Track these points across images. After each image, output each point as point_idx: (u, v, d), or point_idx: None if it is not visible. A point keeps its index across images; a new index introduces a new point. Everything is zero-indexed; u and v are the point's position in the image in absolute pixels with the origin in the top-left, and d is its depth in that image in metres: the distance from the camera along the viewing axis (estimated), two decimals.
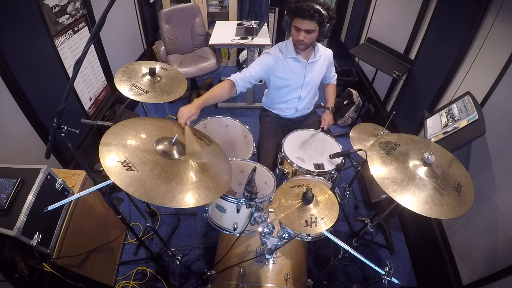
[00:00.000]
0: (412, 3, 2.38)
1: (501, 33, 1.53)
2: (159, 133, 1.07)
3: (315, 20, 1.47)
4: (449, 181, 1.02)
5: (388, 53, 2.54)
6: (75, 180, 1.45)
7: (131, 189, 0.83)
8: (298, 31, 1.54)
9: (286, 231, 1.23)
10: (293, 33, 1.57)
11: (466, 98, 1.55)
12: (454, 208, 0.96)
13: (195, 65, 2.99)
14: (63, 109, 0.77)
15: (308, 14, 1.45)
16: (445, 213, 0.94)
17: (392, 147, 1.11)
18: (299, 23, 1.50)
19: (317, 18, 1.46)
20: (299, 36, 1.54)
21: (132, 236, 1.97)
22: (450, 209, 0.95)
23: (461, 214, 0.95)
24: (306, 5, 1.44)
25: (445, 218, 0.94)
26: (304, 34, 1.53)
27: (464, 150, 1.62)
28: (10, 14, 1.54)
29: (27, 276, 1.21)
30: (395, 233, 2.11)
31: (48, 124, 1.83)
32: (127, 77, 1.41)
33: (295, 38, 1.57)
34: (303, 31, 1.52)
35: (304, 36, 1.53)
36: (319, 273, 1.85)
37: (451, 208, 0.95)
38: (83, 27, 2.24)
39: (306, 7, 1.44)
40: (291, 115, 1.91)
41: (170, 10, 3.02)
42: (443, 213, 0.94)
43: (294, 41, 1.60)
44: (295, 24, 1.52)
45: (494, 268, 1.36)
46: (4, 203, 1.07)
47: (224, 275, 1.37)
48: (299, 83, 1.76)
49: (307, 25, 1.49)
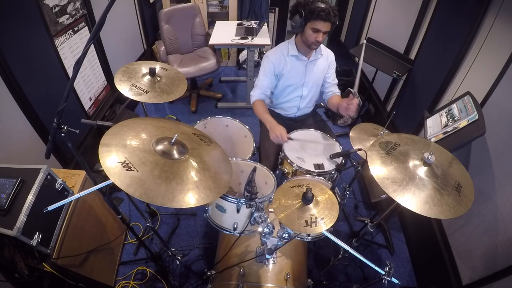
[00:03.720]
0: (412, 3, 2.38)
1: (501, 33, 1.53)
2: (159, 133, 1.07)
3: (332, 21, 1.50)
4: (449, 181, 1.02)
5: (388, 53, 2.54)
6: (75, 180, 1.45)
7: (131, 190, 0.83)
8: (316, 32, 1.54)
9: (286, 231, 1.23)
10: (309, 34, 1.56)
11: (466, 98, 1.55)
12: (454, 208, 0.96)
13: (195, 65, 2.99)
14: (63, 109, 0.77)
15: (329, 16, 1.47)
16: (445, 213, 0.94)
17: (392, 147, 1.11)
18: (320, 25, 1.51)
19: (333, 19, 1.49)
20: (318, 38, 1.55)
21: (132, 236, 1.97)
22: (450, 209, 0.95)
23: (461, 214, 0.95)
24: (326, 7, 1.46)
25: (445, 218, 0.94)
26: (322, 35, 1.55)
27: (464, 150, 1.62)
28: (10, 14, 1.54)
29: (27, 276, 1.21)
30: (395, 233, 2.11)
31: (48, 124, 1.83)
32: (127, 77, 1.41)
33: (313, 39, 1.56)
34: (322, 33, 1.53)
35: (322, 37, 1.56)
36: (319, 273, 1.85)
37: (451, 208, 0.95)
38: (83, 27, 2.24)
39: (327, 9, 1.46)
40: (293, 114, 1.92)
41: (170, 10, 3.02)
42: (443, 213, 0.94)
43: (310, 42, 1.59)
44: (315, 26, 1.52)
45: (494, 268, 1.36)
46: (4, 203, 1.07)
47: (224, 275, 1.38)
48: (301, 82, 1.77)
49: (327, 27, 1.52)
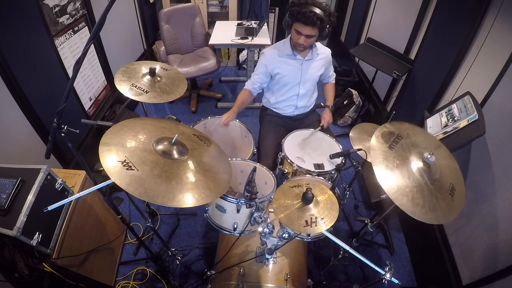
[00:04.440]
0: (412, 3, 2.38)
1: (501, 33, 1.53)
2: (159, 134, 1.07)
3: (317, 26, 1.47)
4: (444, 184, 1.03)
5: (388, 53, 2.53)
6: (75, 180, 1.45)
7: (131, 189, 0.83)
8: (298, 35, 1.54)
9: (286, 231, 1.23)
10: (293, 35, 1.58)
11: (466, 98, 1.55)
12: (446, 214, 0.98)
13: (195, 65, 2.98)
14: (63, 109, 0.77)
15: (310, 21, 1.44)
16: (438, 219, 0.96)
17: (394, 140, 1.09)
18: (300, 28, 1.51)
19: (318, 24, 1.46)
20: (299, 40, 1.55)
21: (132, 236, 1.97)
22: (443, 214, 0.97)
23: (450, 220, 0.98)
24: (309, 11, 1.43)
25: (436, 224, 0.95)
26: (304, 39, 1.54)
27: (464, 150, 1.61)
28: (10, 14, 1.54)
29: (27, 276, 1.21)
30: (395, 233, 2.11)
31: (48, 124, 1.83)
32: (127, 77, 1.41)
33: (295, 40, 1.58)
34: (303, 36, 1.53)
35: (304, 40, 1.55)
36: (319, 273, 1.85)
37: (444, 213, 0.97)
38: (83, 27, 2.24)
39: (309, 14, 1.43)
40: (291, 112, 1.92)
41: (170, 10, 3.02)
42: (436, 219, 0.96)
43: (294, 43, 1.61)
44: (296, 28, 1.53)
45: (494, 268, 1.36)
46: (4, 203, 1.07)
47: (224, 275, 1.37)
48: (297, 80, 1.77)
49: (308, 31, 1.50)
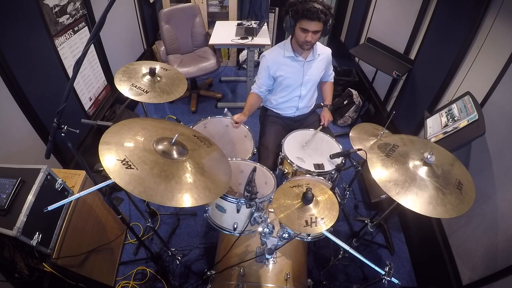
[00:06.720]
0: (412, 3, 2.38)
1: (501, 33, 1.53)
2: (159, 134, 1.07)
3: (322, 20, 1.49)
4: (450, 180, 1.02)
5: (388, 53, 2.53)
6: (75, 180, 1.45)
7: (130, 187, 0.83)
8: (305, 32, 1.54)
9: (286, 231, 1.23)
10: (299, 34, 1.57)
11: (466, 98, 1.55)
12: (457, 207, 0.96)
13: (195, 65, 2.98)
14: (63, 109, 0.77)
15: (316, 15, 1.46)
16: (449, 212, 0.94)
17: (391, 149, 1.11)
18: (307, 25, 1.51)
19: (323, 18, 1.48)
20: (307, 37, 1.55)
21: (132, 236, 1.97)
22: (453, 208, 0.95)
23: (464, 211, 0.96)
24: (313, 6, 1.46)
25: (449, 217, 0.94)
26: (311, 35, 1.54)
27: (464, 150, 1.62)
28: (10, 14, 1.54)
29: (27, 276, 1.21)
30: (395, 233, 2.11)
31: (48, 124, 1.83)
32: (127, 77, 1.41)
33: (302, 39, 1.57)
34: (311, 32, 1.53)
35: (312, 37, 1.55)
36: (319, 273, 1.85)
37: (455, 206, 0.96)
38: (83, 27, 2.24)
39: (313, 8, 1.45)
40: (292, 114, 1.92)
41: (170, 10, 3.02)
42: (448, 212, 0.94)
43: (301, 42, 1.60)
44: (303, 26, 1.53)
45: (494, 268, 1.36)
46: (4, 203, 1.07)
47: (224, 275, 1.37)
48: (299, 82, 1.77)
49: (315, 26, 1.51)
